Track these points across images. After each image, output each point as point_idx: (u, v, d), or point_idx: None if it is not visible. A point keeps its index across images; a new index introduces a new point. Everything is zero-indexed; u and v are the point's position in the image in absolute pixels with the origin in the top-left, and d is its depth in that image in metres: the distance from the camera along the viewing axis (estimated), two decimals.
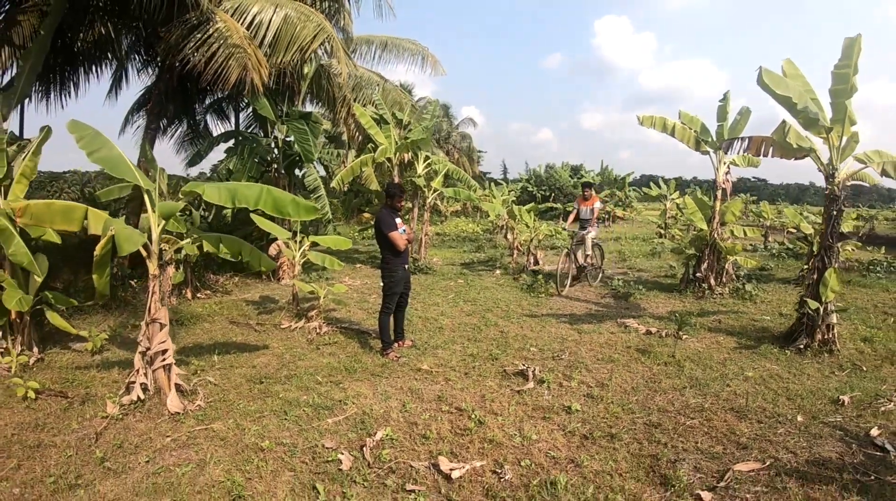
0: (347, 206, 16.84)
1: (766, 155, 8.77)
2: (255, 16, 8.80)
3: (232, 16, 8.60)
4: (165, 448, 4.26)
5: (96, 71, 11.42)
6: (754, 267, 11.50)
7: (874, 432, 4.59)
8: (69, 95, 11.37)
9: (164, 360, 5.04)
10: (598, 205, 11.58)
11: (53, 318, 6.45)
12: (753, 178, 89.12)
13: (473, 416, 4.76)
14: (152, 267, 4.96)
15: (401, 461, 4.02)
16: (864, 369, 6.25)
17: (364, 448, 4.14)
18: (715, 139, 10.58)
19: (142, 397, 5.03)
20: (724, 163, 10.63)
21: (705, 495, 3.64)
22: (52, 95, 11.10)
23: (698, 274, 10.68)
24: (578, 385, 5.66)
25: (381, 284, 6.79)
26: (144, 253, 4.92)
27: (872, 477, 3.89)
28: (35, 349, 6.46)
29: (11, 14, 8.27)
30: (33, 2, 8.40)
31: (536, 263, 14.33)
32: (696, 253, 10.80)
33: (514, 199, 29.18)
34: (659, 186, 25.45)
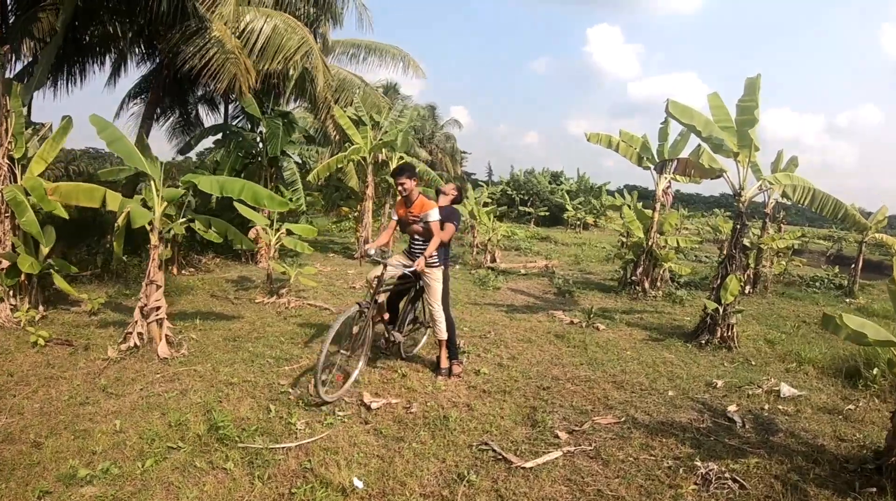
0: (328, 199, 18.04)
1: (689, 175, 10.01)
2: (247, 24, 9.95)
3: (226, 22, 9.71)
4: (155, 381, 5.41)
5: (100, 62, 12.54)
6: (688, 274, 12.68)
7: (731, 408, 5.41)
8: (74, 83, 12.51)
9: (157, 315, 6.19)
10: (433, 217, 5.71)
11: (59, 281, 7.45)
12: (720, 194, 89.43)
13: (399, 371, 5.97)
14: (154, 239, 6.14)
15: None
16: (754, 363, 7.18)
17: (309, 386, 5.34)
18: (655, 157, 11.74)
19: (137, 344, 6.16)
20: (665, 178, 11.80)
21: (562, 435, 4.63)
22: (59, 84, 12.23)
23: (634, 278, 11.90)
24: (493, 357, 6.79)
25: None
26: (148, 227, 6.08)
27: (712, 438, 4.69)
28: (40, 308, 7.47)
29: (34, 11, 9.32)
30: (52, 0, 9.46)
31: (493, 260, 15.69)
32: (633, 258, 12.04)
33: (491, 201, 30.40)
34: (623, 197, 26.78)
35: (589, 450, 4.42)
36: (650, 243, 11.72)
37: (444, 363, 6.00)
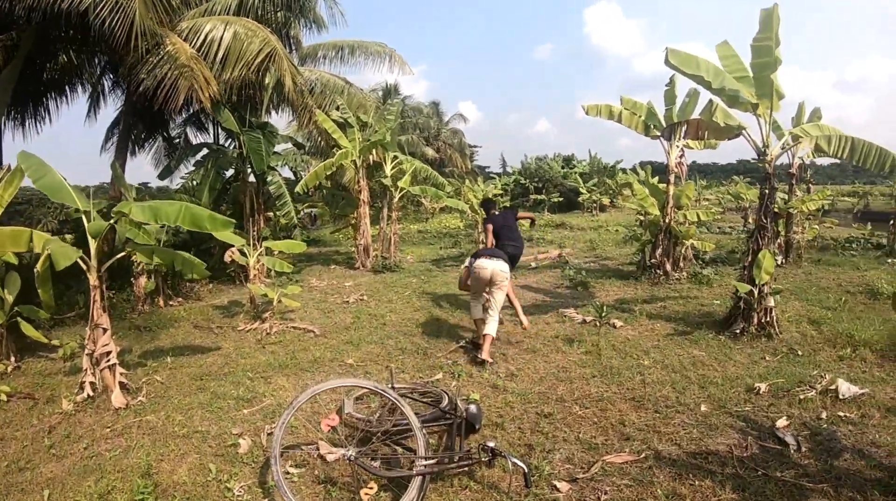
0: (333, 208, 17.29)
1: (702, 138, 8.95)
2: (207, 34, 9.42)
3: (186, 36, 9.19)
4: (103, 437, 4.85)
5: (67, 96, 12.22)
6: (713, 250, 11.61)
7: (781, 423, 4.47)
8: (44, 121, 12.19)
9: (108, 361, 5.60)
10: None
11: (27, 329, 7.04)
12: (737, 161, 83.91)
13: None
14: (92, 278, 5.54)
15: (291, 445, 4.43)
16: (800, 354, 6.15)
17: (261, 434, 4.65)
18: (663, 123, 10.51)
19: (91, 394, 5.64)
20: (677, 146, 10.62)
21: (562, 486, 3.69)
22: (27, 123, 11.91)
23: (654, 260, 10.81)
24: (489, 376, 5.85)
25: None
26: (84, 266, 5.48)
27: (759, 473, 3.76)
28: (12, 359, 7.10)
29: None
30: None
31: None
32: (651, 239, 11.03)
33: (504, 192, 29.40)
34: (637, 174, 25.37)
35: None
36: (668, 220, 10.66)
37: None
